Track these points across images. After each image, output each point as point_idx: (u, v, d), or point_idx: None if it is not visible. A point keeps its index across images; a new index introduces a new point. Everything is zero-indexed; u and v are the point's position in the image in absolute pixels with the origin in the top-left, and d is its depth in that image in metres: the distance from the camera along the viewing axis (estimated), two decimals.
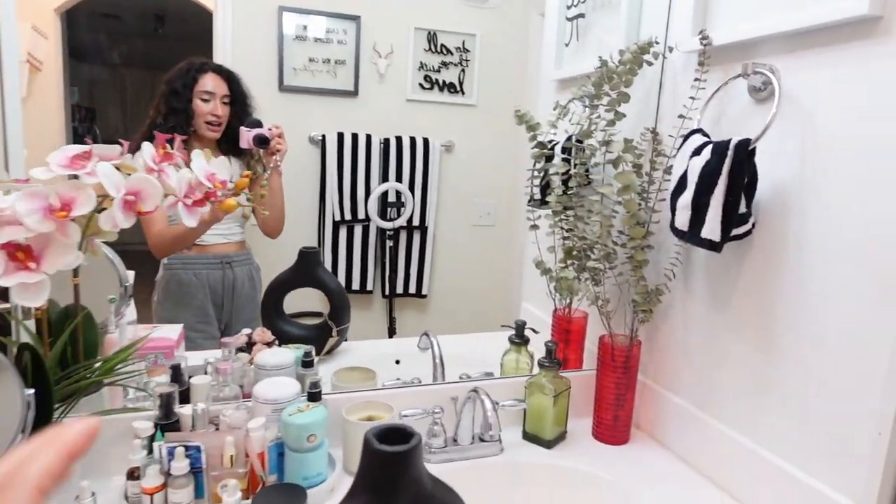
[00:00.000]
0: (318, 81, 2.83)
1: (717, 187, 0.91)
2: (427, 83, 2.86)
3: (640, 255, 1.10)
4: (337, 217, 2.46)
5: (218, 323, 1.39)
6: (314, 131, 2.19)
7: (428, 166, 2.80)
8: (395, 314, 2.88)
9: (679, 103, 1.16)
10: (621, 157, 1.02)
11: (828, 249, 0.86)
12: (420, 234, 2.88)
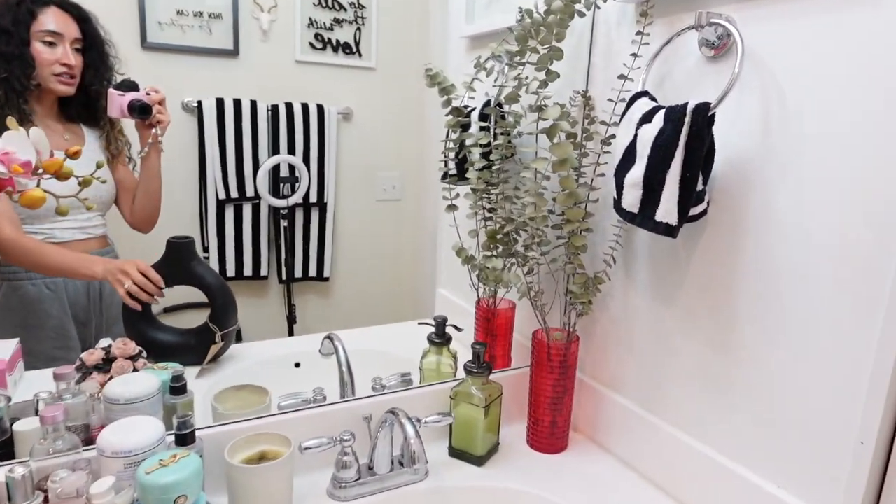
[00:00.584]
0: (190, 38, 2.46)
1: (673, 161, 0.77)
2: (319, 42, 2.56)
3: (579, 239, 0.95)
4: (221, 195, 2.13)
5: (83, 346, 1.09)
6: (188, 96, 1.83)
7: (324, 136, 2.53)
8: (295, 301, 2.63)
9: (615, 62, 1.00)
10: (557, 124, 0.86)
11: (796, 232, 0.74)
12: (318, 212, 2.62)
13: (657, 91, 0.91)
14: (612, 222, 1.01)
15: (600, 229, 1.04)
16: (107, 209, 1.43)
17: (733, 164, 0.81)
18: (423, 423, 0.96)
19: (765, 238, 0.78)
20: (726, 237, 0.83)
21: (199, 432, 0.90)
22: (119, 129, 1.43)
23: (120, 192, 1.44)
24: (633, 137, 0.83)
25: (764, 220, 0.78)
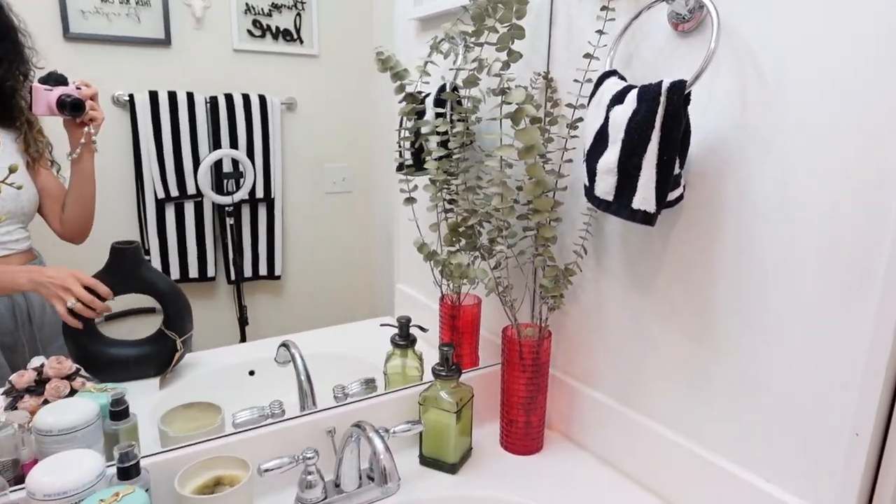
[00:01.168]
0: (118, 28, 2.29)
1: (649, 144, 0.72)
2: (257, 29, 2.42)
3: (548, 230, 0.89)
4: (160, 195, 1.99)
5: (11, 373, 0.98)
6: (118, 90, 1.68)
7: (268, 128, 2.40)
8: (246, 302, 2.51)
9: (577, 40, 0.95)
10: (522, 109, 0.80)
11: (778, 214, 0.71)
12: (266, 208, 2.50)
13: (625, 70, 0.86)
14: (581, 210, 0.96)
15: (569, 218, 0.99)
16: (29, 220, 1.30)
17: (710, 145, 0.77)
18: (392, 434, 0.90)
19: (745, 221, 0.74)
20: (704, 222, 0.79)
21: (146, 461, 0.81)
22: (38, 130, 1.29)
23: (44, 199, 1.31)
24: (604, 120, 0.78)
25: (743, 202, 0.74)
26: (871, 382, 0.63)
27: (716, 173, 0.77)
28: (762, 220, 0.72)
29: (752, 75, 0.72)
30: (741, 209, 0.74)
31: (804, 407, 0.70)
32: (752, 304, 0.74)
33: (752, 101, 0.72)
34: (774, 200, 0.71)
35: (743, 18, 0.72)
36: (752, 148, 0.73)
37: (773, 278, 0.72)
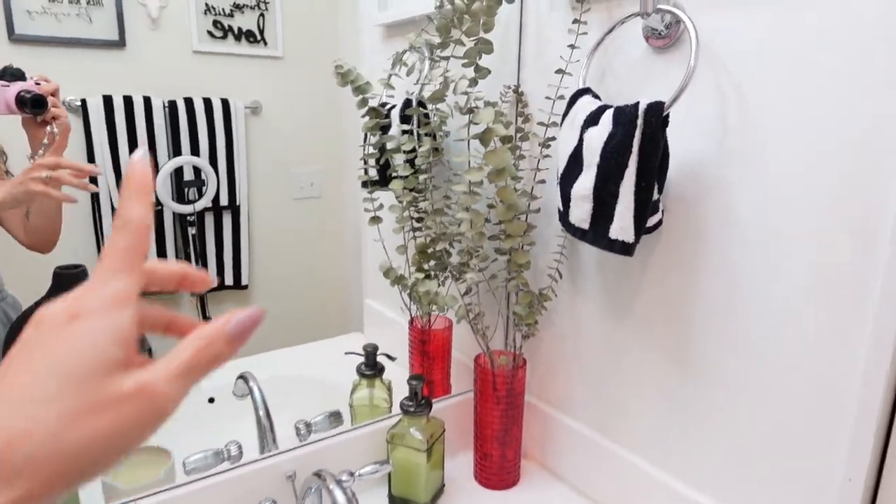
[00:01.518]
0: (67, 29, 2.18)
1: (626, 170, 0.67)
2: (218, 30, 2.32)
3: (522, 256, 0.84)
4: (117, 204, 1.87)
5: None
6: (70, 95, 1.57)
7: (231, 133, 2.30)
8: (210, 314, 2.42)
9: (548, 53, 0.90)
10: (491, 129, 0.74)
11: (762, 238, 0.66)
12: (231, 215, 2.40)
13: (598, 86, 0.82)
14: (555, 232, 0.91)
15: (542, 240, 0.94)
16: None
17: (689, 168, 0.73)
18: (358, 476, 0.84)
19: (728, 246, 0.70)
20: (684, 246, 0.75)
21: None
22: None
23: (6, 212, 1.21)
24: (578, 142, 0.73)
25: (726, 226, 0.70)
26: (865, 425, 0.59)
27: (696, 197, 0.73)
28: (746, 245, 0.68)
29: (733, 95, 0.67)
30: (723, 233, 0.70)
31: (792, 444, 0.66)
32: (738, 330, 0.70)
33: (732, 122, 0.68)
34: (758, 224, 0.67)
35: (722, 36, 0.68)
36: (734, 171, 0.68)
37: (760, 304, 0.68)
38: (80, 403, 0.24)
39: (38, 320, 0.27)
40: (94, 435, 0.24)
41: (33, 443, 0.23)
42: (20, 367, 0.25)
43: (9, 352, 0.26)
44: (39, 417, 0.24)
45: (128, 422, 0.25)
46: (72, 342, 0.25)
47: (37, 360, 0.25)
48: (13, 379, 0.25)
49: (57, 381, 0.24)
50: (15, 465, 0.23)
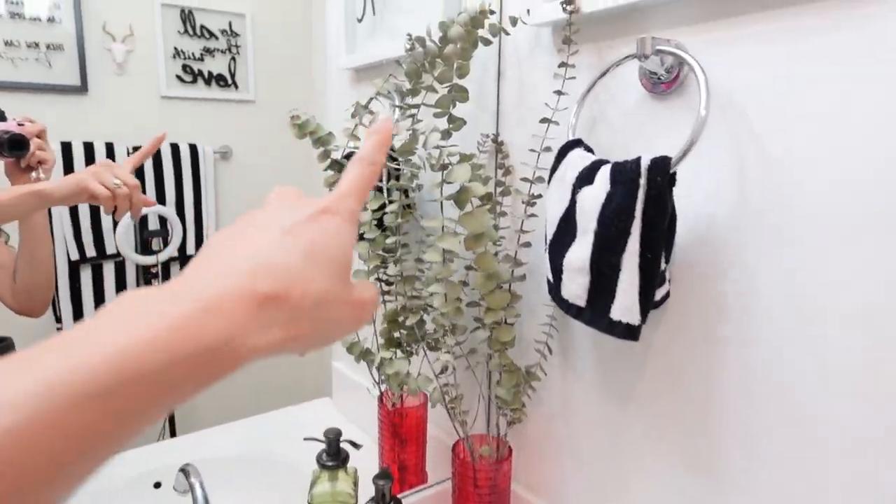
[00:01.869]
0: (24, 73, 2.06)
1: (629, 238, 0.56)
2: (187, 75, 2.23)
3: (505, 332, 0.73)
4: (74, 255, 1.75)
5: None
6: None
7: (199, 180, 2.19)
8: None
9: (531, 99, 0.80)
10: (467, 188, 0.64)
11: (796, 322, 0.56)
12: None
13: (589, 136, 0.72)
14: (543, 300, 0.79)
15: (529, 307, 0.83)
16: None
17: (699, 232, 0.62)
18: None
19: (751, 326, 0.59)
20: (694, 321, 0.64)
21: None
22: None
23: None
24: (569, 203, 0.63)
25: (747, 302, 0.59)
26: None
27: (708, 265, 0.62)
28: (773, 326, 0.57)
29: (751, 147, 0.57)
30: (745, 310, 0.59)
31: None
32: (766, 432, 0.59)
33: (752, 179, 0.58)
34: (788, 302, 0.56)
35: (734, 78, 0.58)
36: (753, 235, 0.58)
37: (794, 400, 0.56)
38: (338, 285, 0.28)
39: (280, 194, 0.32)
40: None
41: (308, 292, 0.26)
42: (271, 225, 0.28)
43: (259, 211, 0.30)
44: (312, 276, 0.27)
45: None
46: (327, 230, 0.28)
47: (295, 233, 0.28)
48: (266, 234, 0.28)
49: (320, 261, 0.27)
50: (301, 307, 0.26)
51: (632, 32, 0.66)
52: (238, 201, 2.51)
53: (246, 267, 0.25)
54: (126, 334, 0.22)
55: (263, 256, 0.26)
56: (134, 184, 0.85)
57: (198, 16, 2.34)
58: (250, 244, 0.27)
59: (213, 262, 0.27)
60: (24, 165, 0.96)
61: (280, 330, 0.25)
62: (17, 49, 2.05)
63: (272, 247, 0.27)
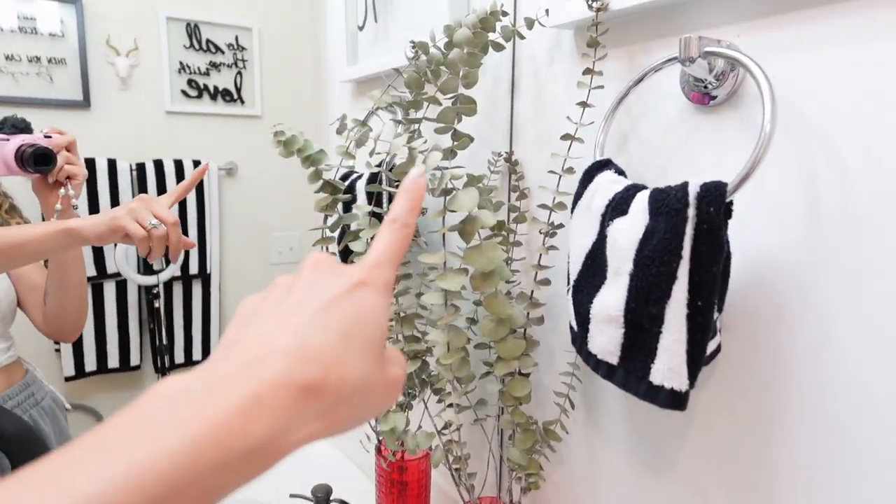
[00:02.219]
0: (26, 88, 2.00)
1: (675, 283, 0.45)
2: (193, 89, 2.17)
3: (519, 387, 0.61)
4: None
5: None
6: None
7: (203, 196, 2.12)
8: None
9: (549, 113, 0.70)
10: (475, 218, 0.53)
11: (884, 381, 0.44)
12: (201, 285, 2.19)
13: (618, 156, 0.61)
14: (564, 346, 0.68)
15: (547, 351, 0.71)
16: (7, 324, 0.97)
17: (757, 270, 0.51)
18: None
19: (821, 385, 0.47)
20: (751, 380, 0.52)
21: None
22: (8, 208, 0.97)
23: (23, 291, 0.98)
24: (598, 236, 0.52)
25: (822, 359, 0.48)
26: None
27: (770, 312, 0.50)
28: (856, 391, 0.45)
29: (827, 170, 0.46)
30: (816, 370, 0.48)
31: None
32: None
33: (827, 209, 0.46)
34: (875, 359, 0.44)
35: (803, 86, 0.47)
36: (829, 276, 0.46)
37: (884, 494, 0.44)
38: (373, 367, 0.27)
39: (316, 263, 0.30)
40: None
41: (346, 379, 0.25)
42: (307, 299, 0.27)
43: (293, 280, 0.29)
44: (350, 361, 0.25)
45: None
46: (363, 306, 0.27)
47: (332, 310, 0.26)
48: (301, 309, 0.26)
49: (358, 342, 0.26)
50: (340, 395, 0.25)
51: (670, 33, 0.56)
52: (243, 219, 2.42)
53: (284, 352, 0.24)
54: (166, 443, 0.21)
55: (301, 338, 0.25)
56: (173, 221, 0.76)
57: (204, 30, 2.28)
58: (286, 322, 0.26)
59: (250, 342, 0.25)
60: (53, 181, 0.88)
61: (319, 421, 0.24)
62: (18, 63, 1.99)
63: (309, 326, 0.26)
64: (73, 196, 0.90)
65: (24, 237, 0.72)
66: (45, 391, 1.00)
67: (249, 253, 2.33)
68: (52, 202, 0.90)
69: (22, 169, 0.83)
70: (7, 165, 0.83)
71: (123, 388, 2.14)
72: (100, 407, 2.04)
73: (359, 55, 1.06)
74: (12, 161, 0.82)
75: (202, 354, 2.26)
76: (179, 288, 2.20)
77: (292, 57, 2.29)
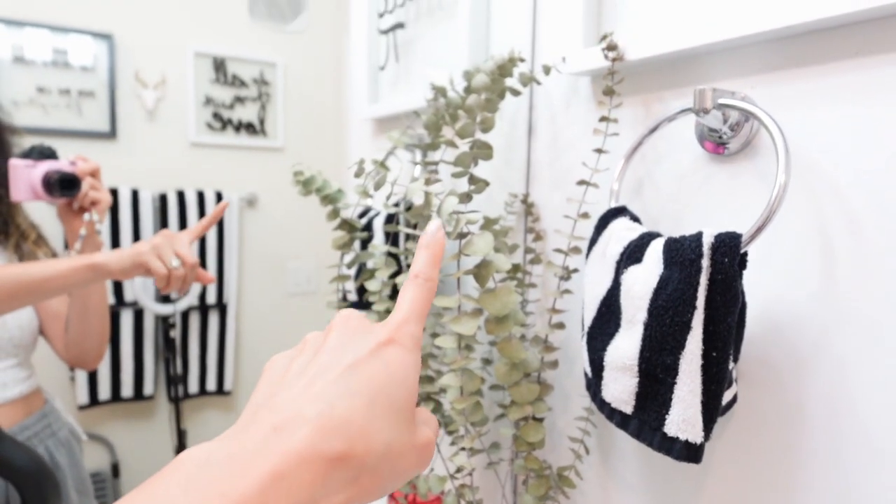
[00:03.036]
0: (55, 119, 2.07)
1: (689, 334, 0.45)
2: (217, 122, 2.22)
3: (534, 432, 0.61)
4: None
5: None
6: None
7: (223, 227, 2.16)
8: (187, 424, 2.16)
9: (565, 157, 0.70)
10: (490, 263, 0.54)
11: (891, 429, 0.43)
12: (218, 315, 2.21)
13: (633, 203, 0.61)
14: (579, 391, 0.68)
15: (562, 395, 0.71)
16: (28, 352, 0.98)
17: (772, 319, 0.51)
18: None
19: (839, 438, 0.47)
20: (769, 433, 0.51)
21: None
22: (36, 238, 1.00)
23: (45, 320, 0.99)
24: (612, 284, 0.52)
25: (839, 412, 0.47)
26: None
27: (786, 362, 0.50)
28: (871, 445, 0.45)
29: (840, 225, 0.46)
30: (832, 422, 0.47)
31: None
32: None
33: (841, 261, 0.46)
34: (888, 418, 0.43)
35: (817, 140, 0.47)
36: (845, 330, 0.46)
37: None
38: (402, 432, 0.26)
39: (345, 320, 0.30)
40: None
41: (372, 448, 0.25)
42: (333, 361, 0.27)
43: (322, 338, 0.29)
44: (377, 427, 0.25)
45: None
46: (391, 366, 0.27)
47: (358, 371, 0.26)
48: (327, 373, 0.26)
49: (385, 406, 0.26)
50: (365, 464, 0.24)
51: (685, 83, 0.57)
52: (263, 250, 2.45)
53: (308, 421, 0.24)
54: None
55: (326, 406, 0.25)
56: (192, 262, 0.79)
57: (230, 64, 2.35)
58: (312, 387, 0.26)
59: (276, 407, 0.25)
60: (77, 207, 0.91)
61: (344, 491, 0.24)
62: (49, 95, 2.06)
63: (335, 391, 0.25)
64: (98, 221, 0.92)
65: (48, 272, 0.74)
66: (62, 422, 1.01)
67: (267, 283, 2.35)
68: (77, 227, 0.92)
69: (48, 194, 0.86)
70: (34, 190, 0.85)
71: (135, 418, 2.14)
72: (111, 436, 2.05)
73: (379, 94, 1.09)
74: (39, 186, 0.85)
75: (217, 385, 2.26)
76: (196, 317, 2.22)
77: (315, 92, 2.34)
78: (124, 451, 2.07)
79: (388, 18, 1.03)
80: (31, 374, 0.97)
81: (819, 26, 0.45)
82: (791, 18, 0.45)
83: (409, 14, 0.97)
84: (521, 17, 0.76)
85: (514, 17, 0.78)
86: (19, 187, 0.84)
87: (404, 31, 0.99)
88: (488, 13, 0.82)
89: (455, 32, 0.85)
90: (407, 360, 0.28)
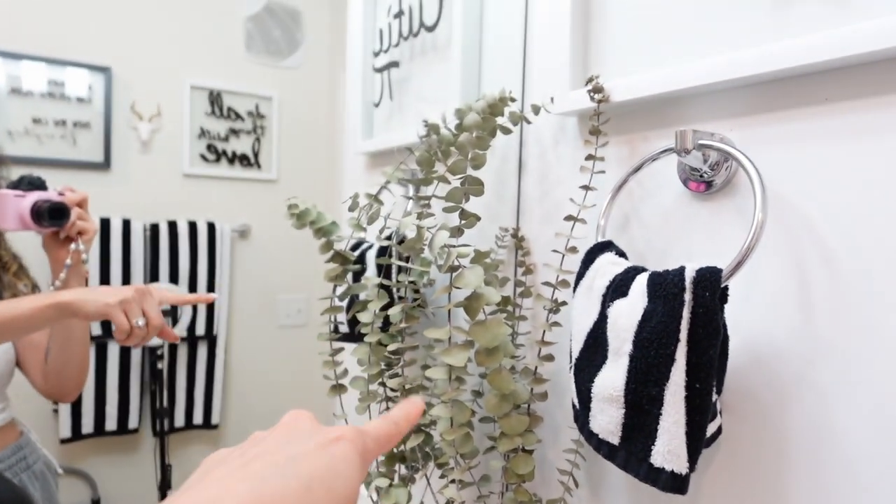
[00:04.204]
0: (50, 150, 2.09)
1: (673, 365, 0.46)
2: (211, 154, 2.25)
3: (523, 464, 0.61)
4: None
5: None
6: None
7: (214, 257, 2.16)
8: (173, 459, 2.12)
9: (554, 194, 0.73)
10: (480, 295, 0.55)
11: (885, 462, 0.44)
12: (207, 347, 2.19)
13: (620, 238, 0.63)
14: (568, 422, 0.69)
15: (551, 428, 0.72)
16: (4, 384, 0.97)
17: (755, 352, 0.52)
18: None
19: (823, 468, 0.48)
20: (754, 464, 0.52)
21: None
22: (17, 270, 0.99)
23: (23, 350, 0.99)
24: (598, 317, 0.53)
25: (815, 437, 0.48)
26: None
27: (769, 393, 0.51)
28: (855, 478, 0.46)
29: (817, 261, 0.48)
30: (815, 450, 0.48)
31: None
32: None
33: (818, 295, 0.48)
34: (875, 440, 0.45)
35: (794, 179, 0.50)
36: (825, 361, 0.48)
37: None
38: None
39: (296, 418, 0.30)
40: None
41: None
42: (276, 449, 0.27)
43: (268, 433, 0.29)
44: None
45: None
46: (336, 458, 0.27)
47: (299, 461, 0.26)
48: (266, 457, 0.26)
49: (321, 495, 0.25)
50: None
51: (668, 124, 0.59)
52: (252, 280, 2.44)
53: (240, 494, 0.24)
54: None
55: (260, 481, 0.24)
56: (156, 325, 0.80)
57: (226, 98, 2.38)
58: (247, 466, 0.25)
59: (207, 483, 0.25)
60: (64, 236, 0.91)
61: None
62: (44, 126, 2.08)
63: (270, 471, 0.25)
64: (84, 251, 0.93)
65: (13, 312, 0.74)
66: (38, 454, 0.99)
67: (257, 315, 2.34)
68: (62, 258, 0.92)
69: (37, 223, 0.86)
70: (22, 220, 0.86)
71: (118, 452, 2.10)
72: (93, 471, 2.01)
73: (373, 129, 1.11)
74: (28, 215, 0.85)
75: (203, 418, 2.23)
76: (185, 350, 2.20)
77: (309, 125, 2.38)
78: (106, 486, 2.02)
79: (382, 57, 1.06)
80: (7, 407, 0.96)
81: (791, 73, 0.48)
82: (765, 66, 0.48)
83: (404, 53, 1.00)
84: (511, 58, 0.79)
85: (505, 58, 0.81)
86: (7, 217, 0.85)
87: (398, 69, 1.02)
88: (480, 54, 0.85)
89: (448, 72, 0.88)
90: (352, 458, 0.27)
